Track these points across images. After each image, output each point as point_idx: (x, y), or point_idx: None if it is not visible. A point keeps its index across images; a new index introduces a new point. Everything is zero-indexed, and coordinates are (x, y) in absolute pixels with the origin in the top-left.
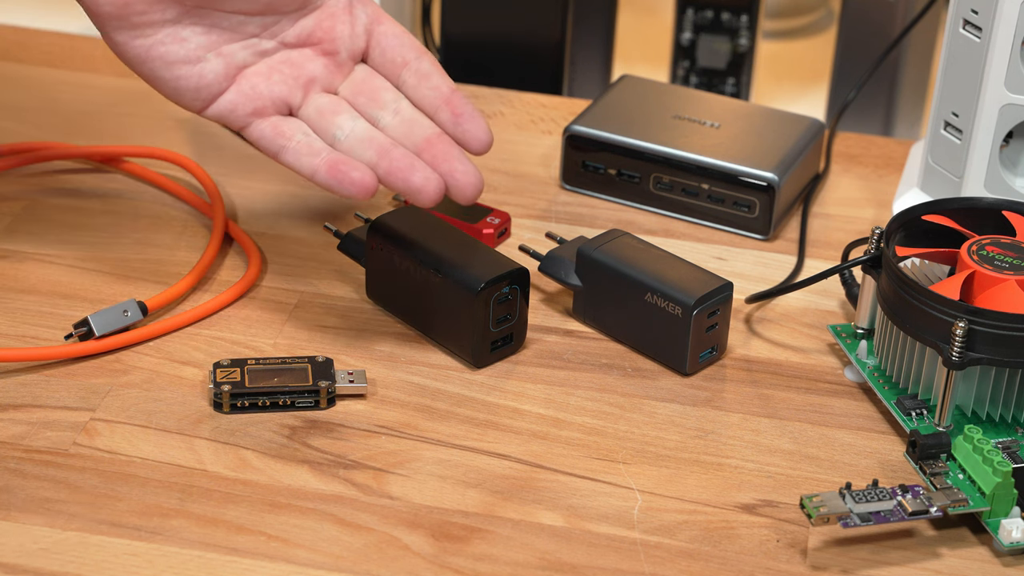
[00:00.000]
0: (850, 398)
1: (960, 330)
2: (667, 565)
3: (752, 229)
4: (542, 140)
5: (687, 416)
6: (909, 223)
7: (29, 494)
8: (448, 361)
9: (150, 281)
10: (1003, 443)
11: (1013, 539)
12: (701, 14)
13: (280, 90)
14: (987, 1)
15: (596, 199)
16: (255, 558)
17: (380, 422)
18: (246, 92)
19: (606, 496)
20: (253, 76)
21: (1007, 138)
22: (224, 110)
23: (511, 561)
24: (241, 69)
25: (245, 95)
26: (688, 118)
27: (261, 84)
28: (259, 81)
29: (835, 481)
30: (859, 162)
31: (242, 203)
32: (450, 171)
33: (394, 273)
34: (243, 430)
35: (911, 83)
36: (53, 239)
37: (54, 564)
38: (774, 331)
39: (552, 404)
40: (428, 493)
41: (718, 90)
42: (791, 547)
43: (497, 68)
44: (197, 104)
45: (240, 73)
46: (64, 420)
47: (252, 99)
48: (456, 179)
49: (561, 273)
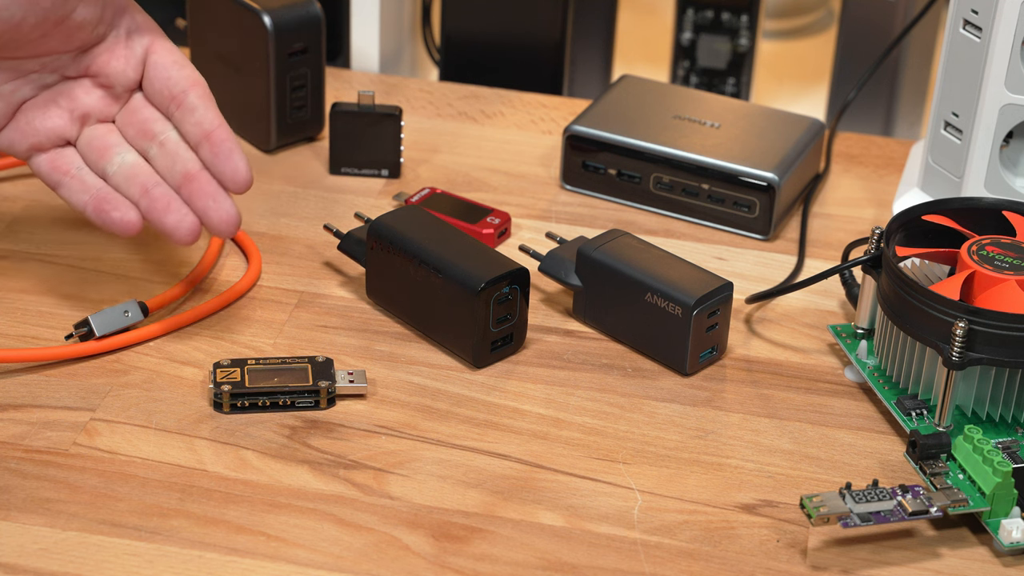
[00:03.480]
0: (850, 398)
1: (960, 330)
2: (667, 565)
3: (752, 229)
4: (542, 140)
5: (687, 416)
6: (909, 223)
7: (29, 494)
8: (448, 361)
9: (150, 281)
10: (1003, 443)
11: (1013, 539)
12: (701, 14)
13: (55, 124)
14: (987, 1)
15: (596, 199)
16: (255, 558)
17: (380, 422)
18: (23, 129)
19: (606, 496)
20: (30, 110)
21: (1007, 138)
22: (4, 145)
23: (511, 561)
24: (20, 104)
25: (22, 132)
26: (688, 118)
27: (37, 119)
28: (35, 116)
29: (835, 481)
30: (859, 162)
31: (242, 203)
32: (204, 208)
33: (394, 273)
34: (243, 430)
35: (911, 83)
36: (53, 239)
37: (54, 564)
38: (774, 331)
39: (552, 404)
40: (428, 493)
41: (718, 90)
42: (791, 547)
43: (497, 68)
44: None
45: (19, 108)
46: (64, 420)
47: (28, 135)
48: (209, 217)
49: (561, 273)
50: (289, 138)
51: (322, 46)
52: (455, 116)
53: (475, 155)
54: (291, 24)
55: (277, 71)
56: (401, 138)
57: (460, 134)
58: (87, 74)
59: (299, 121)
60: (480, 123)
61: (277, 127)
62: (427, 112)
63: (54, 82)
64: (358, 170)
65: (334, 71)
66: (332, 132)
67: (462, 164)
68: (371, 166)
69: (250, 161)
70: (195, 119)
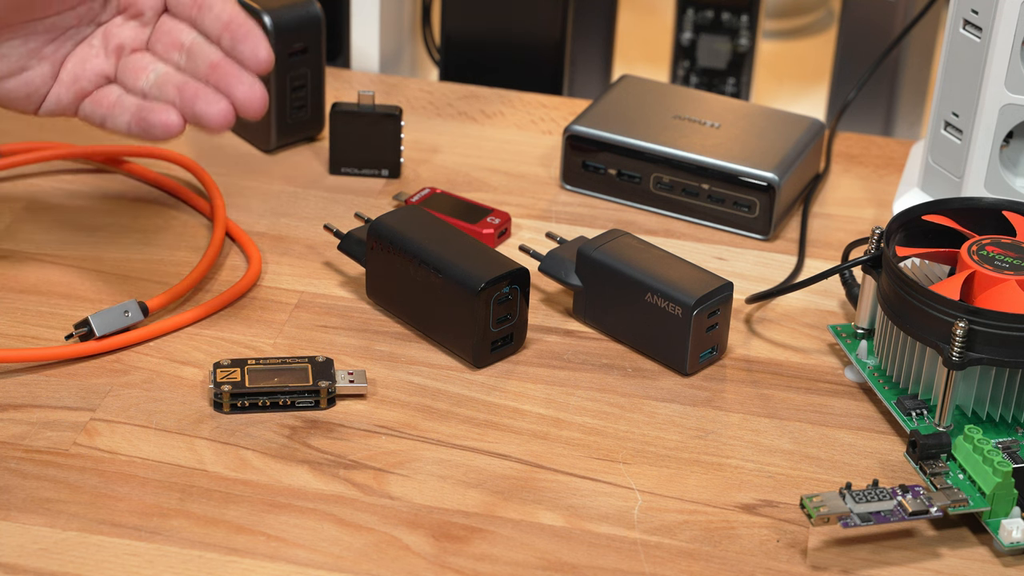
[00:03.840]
0: (850, 398)
1: (960, 330)
2: (667, 565)
3: (752, 229)
4: (542, 140)
5: (687, 416)
6: (909, 223)
7: (29, 494)
8: (448, 361)
9: (150, 281)
10: (1003, 443)
11: (1013, 539)
12: (701, 14)
13: (93, 65)
14: (987, 1)
15: (596, 199)
16: (255, 558)
17: (380, 422)
18: (66, 81)
19: (606, 496)
20: (70, 61)
21: (1007, 138)
22: (53, 105)
23: (511, 561)
24: (63, 60)
25: (66, 85)
26: (688, 118)
27: (78, 68)
28: (76, 65)
29: (835, 481)
30: (859, 162)
31: (242, 203)
32: (229, 90)
33: (394, 273)
34: (243, 430)
35: (911, 83)
36: (53, 239)
37: (54, 564)
38: (774, 331)
39: (552, 404)
40: (428, 493)
41: (718, 90)
42: (791, 547)
43: (497, 68)
44: (30, 107)
45: (62, 65)
46: (64, 420)
47: (72, 85)
48: (236, 96)
49: (561, 273)
50: (289, 138)
51: (322, 46)
52: (455, 116)
53: (475, 155)
54: (291, 24)
55: (277, 71)
56: (401, 138)
57: (460, 134)
58: (118, 12)
59: (299, 121)
60: (480, 123)
61: (277, 127)
62: (427, 112)
63: (90, 33)
64: (358, 170)
65: (334, 71)
66: (332, 132)
67: (462, 164)
68: (371, 166)
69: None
70: (214, 14)
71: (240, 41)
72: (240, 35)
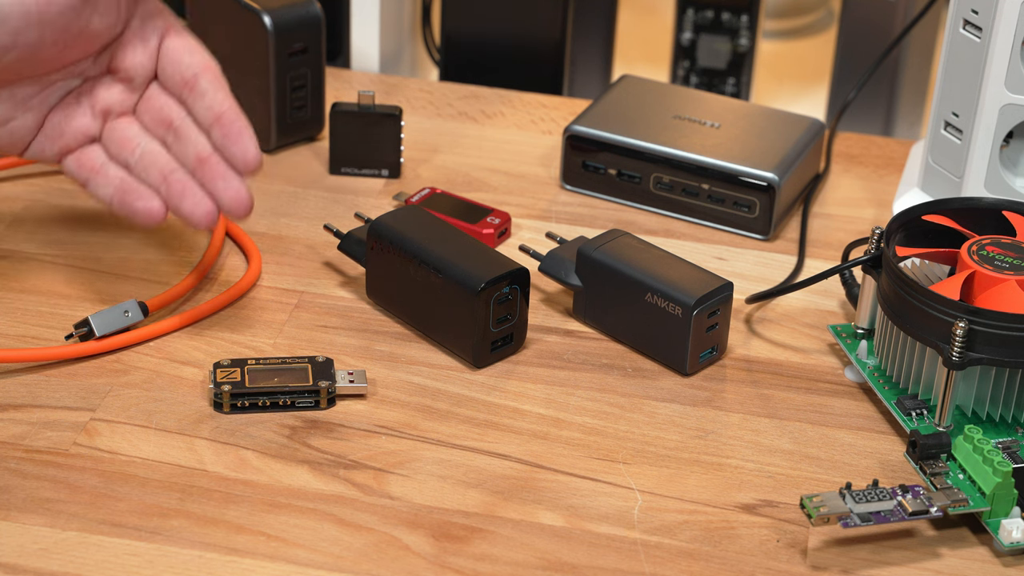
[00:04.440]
0: (850, 398)
1: (960, 330)
2: (667, 565)
3: (752, 229)
4: (542, 140)
5: (687, 416)
6: (909, 223)
7: (29, 494)
8: (448, 361)
9: (150, 281)
10: (1003, 443)
11: (1013, 539)
12: (701, 14)
13: (80, 124)
14: (987, 1)
15: (596, 199)
16: (255, 558)
17: (380, 422)
18: (51, 134)
19: (606, 496)
20: (56, 115)
21: (1007, 138)
22: (37, 154)
23: (511, 561)
24: (48, 112)
25: (51, 138)
26: (688, 118)
27: (63, 123)
28: (61, 119)
29: (835, 481)
30: (859, 162)
31: None
32: (215, 190)
33: (394, 273)
34: (243, 430)
35: (911, 83)
36: (53, 239)
37: (54, 564)
38: (774, 331)
39: (552, 404)
40: (428, 493)
41: (718, 90)
42: (791, 547)
43: (497, 68)
44: (14, 152)
45: (47, 116)
46: (64, 420)
47: (57, 140)
48: (221, 198)
49: (561, 273)
50: (289, 138)
51: (322, 46)
52: (455, 116)
53: (475, 155)
54: (291, 24)
55: (277, 71)
56: (401, 138)
57: (460, 134)
58: (107, 71)
59: (299, 121)
60: (480, 123)
61: (277, 127)
62: (427, 112)
63: (78, 85)
64: (358, 170)
65: (334, 71)
66: (332, 132)
67: (462, 164)
68: (371, 166)
69: None
70: (206, 103)
71: (231, 142)
72: (231, 134)
